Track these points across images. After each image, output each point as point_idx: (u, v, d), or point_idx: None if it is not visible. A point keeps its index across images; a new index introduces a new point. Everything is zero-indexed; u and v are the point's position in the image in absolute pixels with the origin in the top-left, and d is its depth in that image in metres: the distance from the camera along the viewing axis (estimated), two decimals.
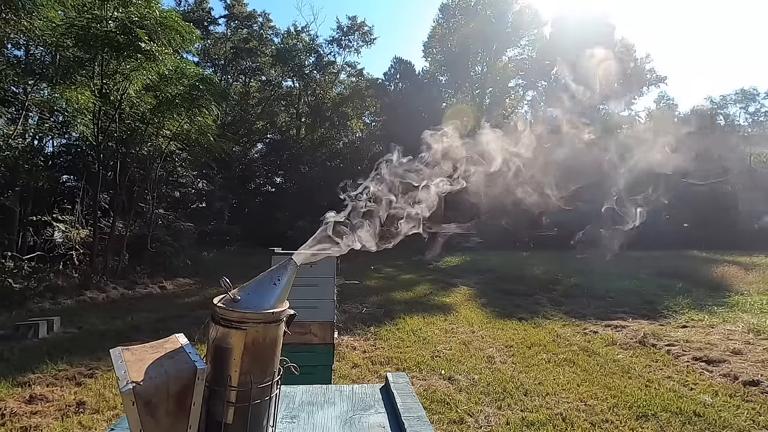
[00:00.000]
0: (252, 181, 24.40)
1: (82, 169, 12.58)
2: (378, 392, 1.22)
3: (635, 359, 4.75)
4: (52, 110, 10.44)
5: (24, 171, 9.52)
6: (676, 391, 3.82)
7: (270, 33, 27.36)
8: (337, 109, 26.33)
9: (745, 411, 3.44)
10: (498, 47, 27.24)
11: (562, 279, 10.24)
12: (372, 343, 5.38)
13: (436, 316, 6.85)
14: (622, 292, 8.63)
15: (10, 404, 3.44)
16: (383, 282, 10.88)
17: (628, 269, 12.03)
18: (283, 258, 0.93)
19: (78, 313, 6.75)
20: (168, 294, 9.06)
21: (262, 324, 0.80)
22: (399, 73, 27.28)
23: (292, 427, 1.01)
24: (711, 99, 34.50)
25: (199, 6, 24.94)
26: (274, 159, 24.75)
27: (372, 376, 4.26)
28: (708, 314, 6.80)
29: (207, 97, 9.94)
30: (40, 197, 11.31)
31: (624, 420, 3.28)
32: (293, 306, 0.88)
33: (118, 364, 0.75)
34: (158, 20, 8.84)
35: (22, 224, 9.96)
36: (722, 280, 10.13)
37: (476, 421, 3.26)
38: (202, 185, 20.47)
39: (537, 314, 7.08)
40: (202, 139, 11.51)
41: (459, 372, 4.30)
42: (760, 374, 4.13)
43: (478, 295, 8.98)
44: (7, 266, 7.70)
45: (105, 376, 4.11)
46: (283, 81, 27.42)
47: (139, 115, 10.20)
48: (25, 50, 11.11)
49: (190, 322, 6.21)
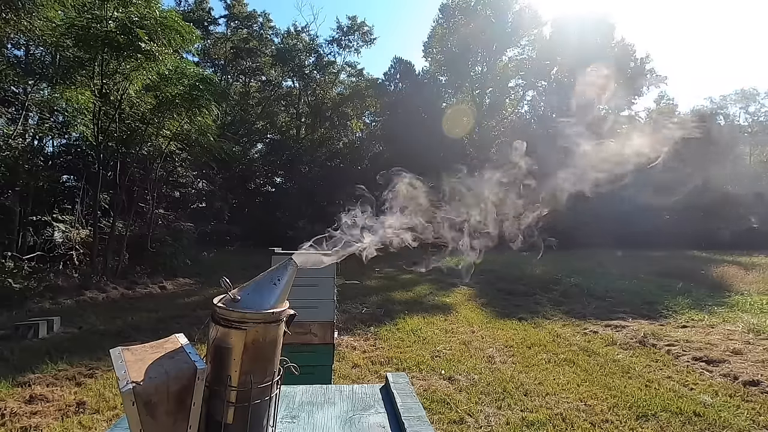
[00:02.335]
0: (252, 181, 24.38)
1: (82, 169, 12.57)
2: (378, 392, 1.22)
3: (635, 359, 4.75)
4: (52, 110, 10.44)
5: (24, 171, 9.52)
6: (676, 391, 3.82)
7: (270, 33, 27.37)
8: (337, 109, 26.33)
9: (745, 411, 3.44)
10: (498, 47, 27.24)
11: (562, 279, 10.25)
12: (372, 343, 5.38)
13: (436, 316, 6.85)
14: (622, 292, 8.64)
15: (10, 404, 3.44)
16: (383, 282, 10.88)
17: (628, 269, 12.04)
18: (283, 258, 0.92)
19: (78, 313, 6.74)
20: (168, 294, 9.06)
21: (262, 324, 0.80)
22: (399, 73, 27.25)
23: (292, 427, 1.01)
24: (711, 99, 34.52)
25: (199, 6, 24.93)
26: (274, 159, 24.73)
27: (372, 376, 4.26)
28: (708, 314, 6.80)
29: (207, 97, 9.93)
30: (40, 197, 11.30)
31: (624, 420, 3.28)
32: (293, 306, 0.88)
33: (118, 364, 0.75)
34: (158, 20, 8.83)
35: (22, 224, 9.95)
36: (722, 280, 10.15)
37: (476, 421, 3.26)
38: (202, 185, 20.46)
39: (537, 314, 7.08)
40: (202, 139, 11.50)
41: (459, 372, 4.30)
42: (760, 374, 4.14)
43: (478, 295, 8.98)
44: (7, 266, 7.70)
45: (105, 376, 4.11)
46: (283, 81, 27.41)
47: (139, 115, 10.20)
48: (25, 50, 11.09)
49: (190, 322, 6.21)
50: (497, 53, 27.55)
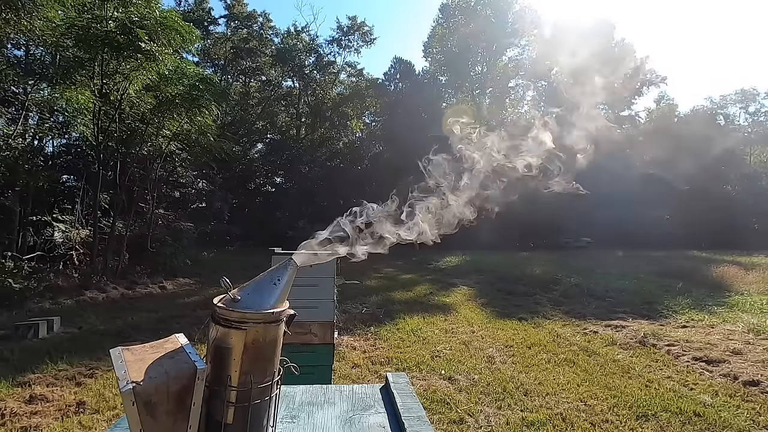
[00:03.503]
0: (252, 181, 24.39)
1: (82, 169, 12.57)
2: (378, 392, 1.22)
3: (635, 359, 4.75)
4: (52, 110, 10.43)
5: (24, 171, 9.52)
6: (676, 391, 3.82)
7: (270, 33, 27.39)
8: (337, 109, 26.34)
9: (745, 411, 3.44)
10: (498, 47, 27.26)
11: (562, 279, 10.25)
12: (372, 343, 5.38)
13: (436, 316, 6.85)
14: (622, 292, 8.64)
15: (10, 404, 3.44)
16: (383, 282, 10.88)
17: (628, 269, 12.04)
18: (283, 258, 0.92)
19: (78, 313, 6.74)
20: (168, 294, 9.06)
21: (262, 324, 0.80)
22: (399, 73, 27.28)
23: (292, 427, 1.01)
24: (711, 99, 34.46)
25: (199, 6, 24.93)
26: (274, 159, 24.74)
27: (372, 376, 4.26)
28: (708, 314, 6.80)
29: (207, 97, 9.93)
30: (40, 197, 11.30)
31: (624, 420, 3.28)
32: (293, 306, 0.88)
33: (118, 364, 0.75)
34: (158, 20, 8.83)
35: (22, 224, 9.95)
36: (722, 280, 10.15)
37: (476, 421, 3.26)
38: (202, 185, 20.46)
39: (537, 314, 7.08)
40: (202, 139, 11.51)
41: (459, 372, 4.30)
42: (760, 374, 4.14)
43: (478, 295, 8.98)
44: (7, 266, 7.69)
45: (105, 376, 4.11)
46: (283, 81, 27.43)
47: (139, 115, 10.20)
48: (25, 50, 11.09)
49: (190, 322, 6.21)
50: (497, 53, 27.57)
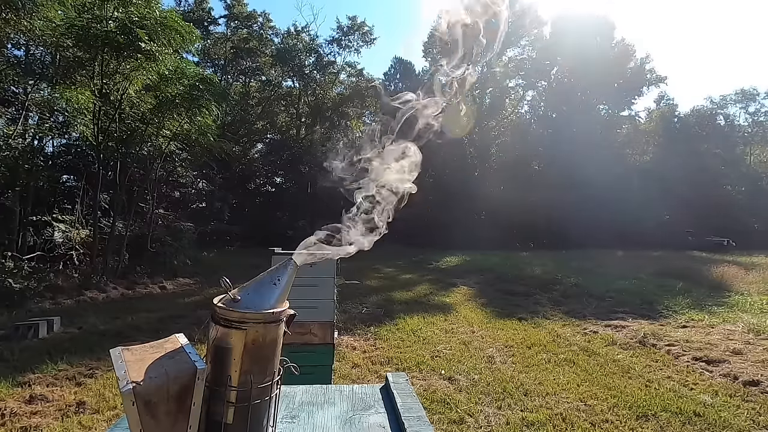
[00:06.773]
0: (252, 181, 24.40)
1: (82, 169, 12.57)
2: (378, 392, 1.22)
3: (635, 359, 4.76)
4: (52, 110, 10.42)
5: (24, 171, 9.51)
6: (676, 391, 3.83)
7: (270, 33, 27.35)
8: (337, 109, 26.32)
9: (745, 411, 3.44)
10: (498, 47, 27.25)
11: (562, 279, 10.25)
12: (372, 343, 5.38)
13: (436, 316, 6.85)
14: (622, 292, 8.64)
15: (10, 404, 3.44)
16: (383, 282, 10.88)
17: (628, 269, 12.04)
18: (283, 258, 0.92)
19: (78, 313, 6.74)
20: (168, 294, 9.06)
21: (262, 324, 0.80)
22: (399, 73, 27.31)
23: (292, 427, 1.01)
24: (711, 99, 34.46)
25: (199, 6, 24.92)
26: (274, 159, 24.74)
27: (372, 376, 4.26)
28: (708, 314, 6.80)
29: (207, 97, 9.92)
30: (40, 197, 11.30)
31: (624, 420, 3.28)
32: (293, 306, 0.88)
33: (118, 364, 0.75)
34: (158, 20, 8.83)
35: (22, 224, 9.95)
36: (722, 280, 10.15)
37: (476, 421, 3.26)
38: (202, 185, 20.48)
39: (537, 314, 7.08)
40: (202, 139, 11.49)
41: (459, 372, 4.30)
42: (760, 374, 4.14)
43: (478, 295, 8.98)
44: (7, 266, 7.69)
45: (105, 376, 4.11)
46: (283, 81, 27.39)
47: (139, 115, 10.19)
48: (25, 50, 11.08)
49: (190, 322, 6.20)
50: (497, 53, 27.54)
